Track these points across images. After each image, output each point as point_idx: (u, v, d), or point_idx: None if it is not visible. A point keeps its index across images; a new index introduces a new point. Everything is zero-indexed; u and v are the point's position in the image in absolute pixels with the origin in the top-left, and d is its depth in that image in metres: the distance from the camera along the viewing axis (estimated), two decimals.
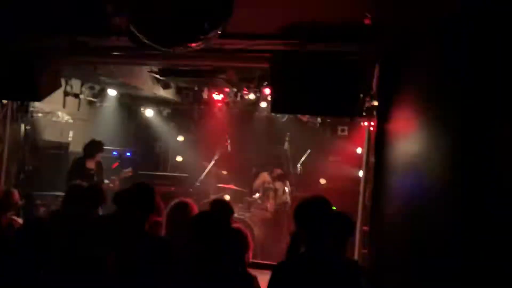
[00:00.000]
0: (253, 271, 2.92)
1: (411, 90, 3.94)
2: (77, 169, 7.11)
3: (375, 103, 5.07)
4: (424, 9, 2.99)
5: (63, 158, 8.00)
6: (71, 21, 4.44)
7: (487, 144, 1.65)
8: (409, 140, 3.82)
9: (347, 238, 3.70)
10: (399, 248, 3.61)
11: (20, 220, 4.67)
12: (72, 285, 2.97)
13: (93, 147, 7.34)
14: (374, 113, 5.30)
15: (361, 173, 6.55)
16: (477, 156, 1.72)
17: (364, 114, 5.75)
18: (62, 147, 8.19)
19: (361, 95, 5.25)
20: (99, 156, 7.41)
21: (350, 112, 5.07)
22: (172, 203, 3.85)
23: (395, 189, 4.09)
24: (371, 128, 6.26)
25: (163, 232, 3.75)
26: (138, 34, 3.29)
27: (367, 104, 5.54)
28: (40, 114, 7.42)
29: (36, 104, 6.95)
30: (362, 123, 7.42)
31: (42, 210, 6.63)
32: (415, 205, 3.38)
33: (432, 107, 3.11)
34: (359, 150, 8.77)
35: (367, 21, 3.73)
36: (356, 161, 7.98)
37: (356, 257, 6.01)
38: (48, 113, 7.64)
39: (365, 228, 5.58)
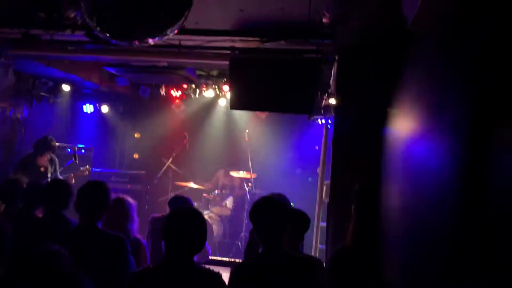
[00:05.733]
0: (212, 268, 2.90)
1: (369, 87, 4.01)
2: (25, 165, 6.91)
3: (333, 101, 5.14)
4: (382, 5, 3.04)
5: (14, 155, 7.75)
6: (23, 13, 4.30)
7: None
8: (366, 136, 3.89)
9: (303, 234, 3.75)
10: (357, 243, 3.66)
11: None
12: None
13: (43, 144, 7.14)
14: (332, 110, 5.38)
15: (319, 170, 6.64)
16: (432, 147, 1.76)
17: (322, 111, 5.83)
18: (14, 144, 7.93)
19: (319, 93, 5.31)
20: (50, 153, 7.22)
21: (307, 109, 5.12)
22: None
23: (352, 186, 4.15)
24: (328, 126, 6.36)
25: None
26: (93, 28, 3.21)
27: (324, 102, 5.62)
28: None
29: None
30: (319, 121, 7.52)
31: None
32: (372, 200, 3.43)
33: (390, 103, 3.17)
34: (317, 147, 8.89)
35: (325, 19, 3.77)
36: (314, 158, 8.09)
37: (313, 253, 6.10)
38: None
39: (323, 224, 5.65)
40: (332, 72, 5.06)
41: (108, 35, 3.13)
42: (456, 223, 1.92)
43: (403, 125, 2.95)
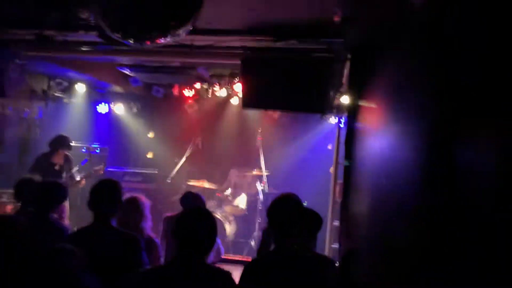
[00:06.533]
0: (225, 267, 2.92)
1: (382, 86, 3.98)
2: (40, 163, 6.97)
3: (345, 99, 5.12)
4: (392, 3, 3.02)
5: (30, 155, 7.84)
6: (37, 15, 4.34)
7: (459, 142, 1.68)
8: (379, 136, 3.87)
9: (315, 234, 3.75)
10: (369, 243, 3.65)
11: None
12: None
13: (58, 141, 7.20)
14: (344, 109, 5.35)
15: (332, 169, 6.62)
16: (449, 154, 1.76)
17: (334, 110, 5.81)
18: (30, 143, 8.03)
19: (331, 92, 5.30)
20: (65, 151, 7.28)
21: (320, 108, 5.11)
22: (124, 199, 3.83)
23: (365, 185, 4.14)
24: (341, 125, 6.34)
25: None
26: (107, 29, 3.24)
27: (337, 101, 5.60)
28: (6, 110, 7.26)
29: (2, 100, 6.79)
30: (332, 120, 7.50)
31: (9, 208, 6.50)
32: (385, 202, 3.42)
33: (403, 103, 3.15)
34: (330, 147, 8.86)
35: (336, 18, 3.76)
36: (327, 158, 8.07)
37: (326, 252, 6.09)
38: (15, 109, 7.48)
39: (336, 223, 5.64)
40: (345, 71, 5.04)
41: (120, 36, 3.16)
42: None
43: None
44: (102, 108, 9.99)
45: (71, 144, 7.35)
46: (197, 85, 8.76)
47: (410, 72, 2.61)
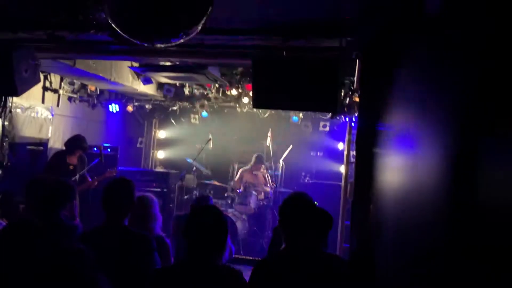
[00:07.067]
0: (236, 266, 2.91)
1: (393, 85, 3.95)
2: (56, 163, 7.00)
3: (357, 98, 5.10)
4: (405, 1, 3.00)
5: (42, 154, 7.89)
6: (49, 15, 4.37)
7: (480, 142, 1.65)
8: (391, 135, 3.84)
9: (327, 233, 3.73)
10: (381, 243, 3.63)
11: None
12: None
13: (75, 143, 7.23)
14: (356, 108, 5.33)
15: (342, 169, 6.60)
16: (468, 154, 1.73)
17: (346, 109, 5.78)
18: (42, 143, 8.09)
19: (343, 91, 5.27)
20: (81, 152, 7.31)
21: (331, 107, 5.08)
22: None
23: (377, 185, 4.11)
24: (353, 124, 6.31)
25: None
26: (117, 29, 3.25)
27: (348, 100, 5.57)
28: (18, 110, 7.31)
29: (15, 99, 6.84)
30: (343, 119, 7.47)
31: (22, 207, 6.53)
32: (398, 201, 3.40)
33: (417, 103, 3.12)
34: (340, 146, 8.84)
35: (347, 16, 3.74)
36: (338, 157, 8.05)
37: (338, 252, 6.07)
38: (27, 108, 7.53)
39: (347, 223, 5.61)
40: (356, 69, 5.01)
41: (131, 36, 3.16)
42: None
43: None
44: (113, 108, 10.03)
45: (87, 146, 7.39)
46: (208, 85, 8.77)
47: (425, 73, 2.58)
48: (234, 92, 8.67)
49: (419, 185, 2.48)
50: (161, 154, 11.07)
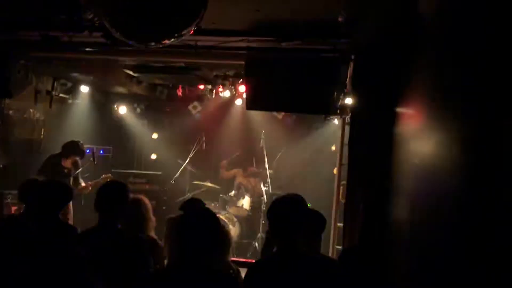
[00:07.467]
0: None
1: (386, 87, 3.97)
2: (50, 165, 6.97)
3: (349, 100, 5.11)
4: (398, 3, 3.02)
5: (35, 155, 7.85)
6: (43, 16, 4.35)
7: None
8: (383, 137, 3.85)
9: (320, 235, 3.73)
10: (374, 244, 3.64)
11: None
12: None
13: (72, 147, 7.21)
14: (348, 110, 5.34)
15: (335, 171, 6.61)
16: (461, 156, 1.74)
17: (338, 111, 5.80)
18: (34, 144, 8.04)
19: (335, 93, 5.28)
20: (76, 157, 7.28)
21: (324, 109, 5.10)
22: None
23: (370, 186, 4.12)
24: (345, 126, 6.32)
25: None
26: (111, 30, 3.24)
27: (341, 102, 5.59)
28: (11, 111, 7.27)
29: (7, 100, 6.80)
30: (336, 121, 7.49)
31: (14, 209, 6.50)
32: (390, 202, 3.41)
33: (408, 103, 3.13)
34: (333, 147, 8.84)
35: (340, 18, 3.75)
36: (331, 158, 8.05)
37: (330, 253, 6.08)
38: (19, 110, 7.49)
39: (340, 224, 5.63)
40: (349, 71, 5.03)
41: (124, 37, 3.16)
42: (464, 221, 1.90)
43: (412, 123, 2.92)
44: (107, 109, 9.96)
45: (84, 152, 7.37)
46: (201, 86, 8.75)
47: (419, 75, 2.60)
48: (227, 93, 8.66)
49: (419, 185, 2.49)
50: (153, 156, 11.03)
